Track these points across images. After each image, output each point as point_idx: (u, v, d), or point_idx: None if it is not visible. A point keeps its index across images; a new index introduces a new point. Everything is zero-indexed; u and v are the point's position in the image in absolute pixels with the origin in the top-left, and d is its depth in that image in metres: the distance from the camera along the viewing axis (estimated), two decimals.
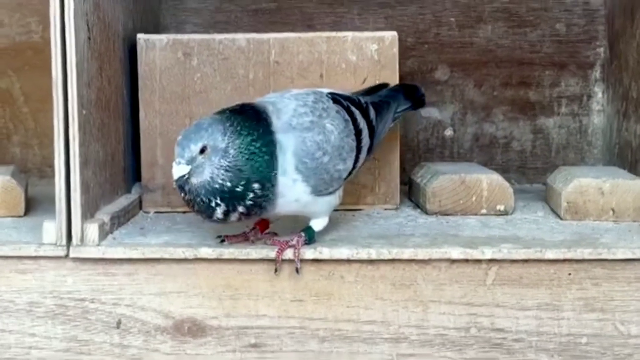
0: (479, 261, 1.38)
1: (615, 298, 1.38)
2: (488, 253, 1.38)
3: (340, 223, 1.56)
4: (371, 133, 1.48)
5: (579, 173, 1.63)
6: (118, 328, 1.40)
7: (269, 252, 1.38)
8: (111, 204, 1.54)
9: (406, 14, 1.96)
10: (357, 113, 1.45)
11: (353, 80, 1.64)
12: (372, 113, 1.49)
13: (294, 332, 1.39)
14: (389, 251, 1.38)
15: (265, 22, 1.95)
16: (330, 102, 1.43)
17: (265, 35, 1.66)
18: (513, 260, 1.38)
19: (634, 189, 1.57)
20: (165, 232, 1.50)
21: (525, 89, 1.97)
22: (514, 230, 1.51)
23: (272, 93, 1.50)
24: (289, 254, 1.37)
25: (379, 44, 1.66)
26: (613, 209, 1.57)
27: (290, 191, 1.36)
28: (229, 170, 1.32)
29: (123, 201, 1.59)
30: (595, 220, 1.57)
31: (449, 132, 1.98)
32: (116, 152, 1.60)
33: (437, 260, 1.38)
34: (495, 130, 1.98)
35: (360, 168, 1.49)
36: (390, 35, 1.66)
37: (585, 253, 1.38)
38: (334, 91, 1.48)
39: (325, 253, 1.38)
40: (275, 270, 1.38)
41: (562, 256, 1.38)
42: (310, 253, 1.38)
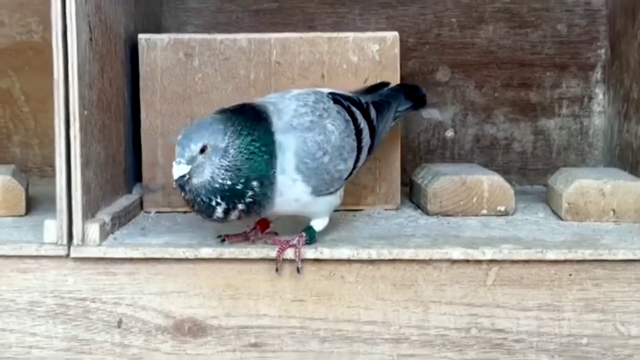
0: (479, 262, 1.38)
1: (616, 299, 1.38)
2: (489, 254, 1.38)
3: (341, 223, 1.56)
4: (372, 133, 1.48)
5: (579, 174, 1.63)
6: (119, 327, 1.40)
7: (269, 252, 1.38)
8: (112, 204, 1.54)
9: (407, 14, 1.96)
10: (358, 113, 1.45)
11: (354, 80, 1.64)
12: (373, 113, 1.49)
13: (295, 332, 1.39)
14: (389, 251, 1.38)
15: (267, 23, 1.95)
16: (330, 102, 1.43)
17: (266, 36, 1.66)
18: (514, 261, 1.38)
19: (635, 191, 1.57)
20: (166, 232, 1.50)
21: (526, 90, 1.97)
22: (515, 231, 1.51)
23: (273, 93, 1.50)
24: (289, 253, 1.37)
25: (381, 45, 1.66)
26: (614, 210, 1.57)
27: (290, 190, 1.36)
28: (229, 170, 1.31)
29: (124, 201, 1.59)
30: (596, 221, 1.57)
31: (449, 133, 1.98)
32: (117, 153, 1.60)
33: (438, 260, 1.38)
34: (496, 131, 1.98)
35: (361, 168, 1.49)
36: (392, 35, 1.66)
37: (586, 254, 1.38)
38: (334, 91, 1.48)
39: (326, 253, 1.38)
40: (277, 269, 1.38)
41: (563, 257, 1.38)
42: (311, 253, 1.38)
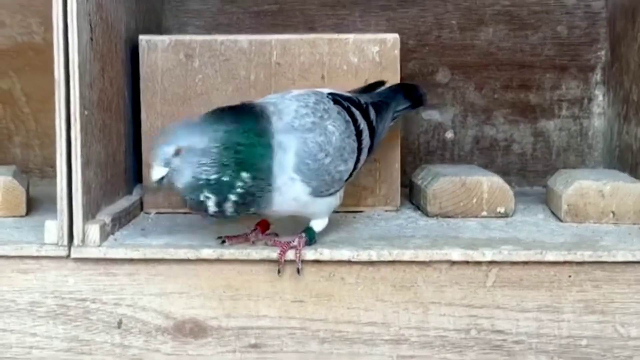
0: (479, 263, 1.38)
1: (615, 300, 1.38)
2: (488, 255, 1.38)
3: (341, 224, 1.56)
4: (371, 133, 1.48)
5: (579, 176, 1.63)
6: (119, 328, 1.40)
7: (269, 253, 1.38)
8: (112, 205, 1.54)
9: (407, 16, 1.96)
10: (358, 114, 1.45)
11: (354, 82, 1.64)
12: (373, 114, 1.49)
13: (295, 333, 1.40)
14: (389, 253, 1.38)
15: (267, 24, 1.95)
16: (331, 103, 1.43)
17: (267, 37, 1.67)
18: (513, 262, 1.38)
19: (635, 192, 1.57)
20: (166, 233, 1.50)
21: (526, 92, 1.97)
22: (515, 233, 1.52)
23: (273, 94, 1.50)
24: (290, 254, 1.38)
25: (381, 46, 1.66)
26: (613, 212, 1.57)
27: (289, 189, 1.36)
28: (212, 166, 1.31)
29: (124, 202, 1.60)
30: (595, 222, 1.57)
31: (449, 135, 1.98)
32: (117, 153, 1.60)
33: (438, 262, 1.38)
34: (495, 132, 1.98)
35: (360, 169, 1.49)
36: (392, 37, 1.67)
37: (586, 255, 1.38)
38: (334, 91, 1.48)
39: (326, 254, 1.38)
40: (278, 271, 1.38)
41: (563, 258, 1.38)
42: (311, 254, 1.38)
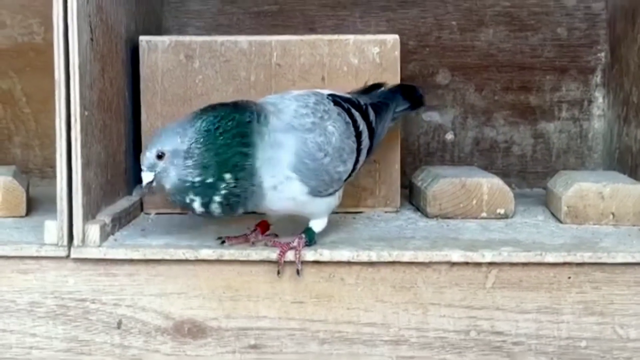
0: (479, 264, 1.38)
1: (615, 302, 1.38)
2: (488, 256, 1.38)
3: (341, 225, 1.56)
4: (371, 134, 1.48)
5: (579, 177, 1.63)
6: (119, 329, 1.40)
7: (269, 254, 1.38)
8: (112, 205, 1.55)
9: (408, 17, 1.96)
10: (357, 115, 1.46)
11: (355, 83, 1.64)
12: (372, 115, 1.49)
13: (294, 334, 1.40)
14: (389, 253, 1.38)
15: (267, 25, 1.95)
16: (331, 104, 1.43)
17: (267, 38, 1.67)
18: (513, 264, 1.38)
19: (634, 194, 1.57)
20: (166, 234, 1.50)
21: (526, 94, 1.97)
22: (514, 234, 1.52)
23: (272, 94, 1.50)
24: (289, 255, 1.38)
25: (381, 47, 1.66)
26: (613, 213, 1.58)
27: (286, 188, 1.35)
28: (196, 168, 1.32)
29: (124, 202, 1.60)
30: (595, 224, 1.57)
31: (449, 136, 1.98)
32: (117, 154, 1.60)
33: (438, 263, 1.39)
34: (495, 134, 1.98)
35: (360, 169, 1.49)
36: (392, 38, 1.67)
37: (585, 257, 1.38)
38: (334, 92, 1.48)
39: (326, 255, 1.38)
40: (278, 272, 1.38)
41: (562, 260, 1.38)
42: (310, 255, 1.38)
